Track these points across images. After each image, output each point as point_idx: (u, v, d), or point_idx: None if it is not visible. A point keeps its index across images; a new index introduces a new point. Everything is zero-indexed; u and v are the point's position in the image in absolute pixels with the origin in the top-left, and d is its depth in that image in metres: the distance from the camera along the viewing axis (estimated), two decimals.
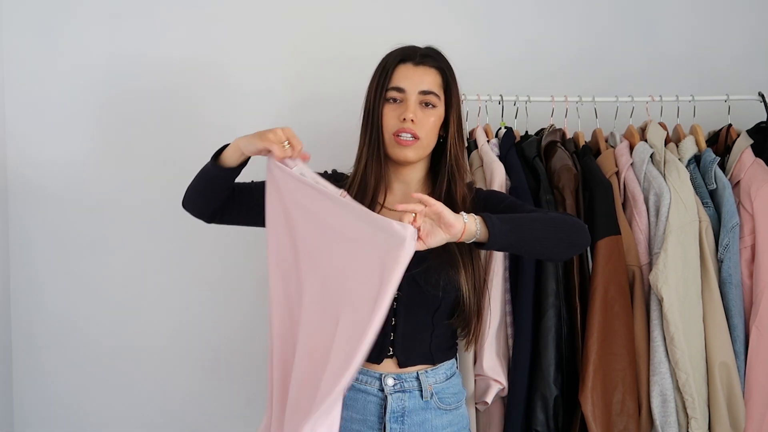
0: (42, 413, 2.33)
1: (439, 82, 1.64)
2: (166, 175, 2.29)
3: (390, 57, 1.66)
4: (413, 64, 1.64)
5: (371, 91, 1.66)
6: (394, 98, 1.63)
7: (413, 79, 1.62)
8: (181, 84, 2.29)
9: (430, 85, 1.63)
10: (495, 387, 1.85)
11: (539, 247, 1.53)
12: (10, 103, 2.26)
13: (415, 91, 1.62)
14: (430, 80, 1.63)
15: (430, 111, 1.63)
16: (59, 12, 2.26)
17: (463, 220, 1.43)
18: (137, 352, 2.32)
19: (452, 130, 1.66)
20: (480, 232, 1.45)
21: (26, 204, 2.28)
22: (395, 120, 1.61)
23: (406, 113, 1.60)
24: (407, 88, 1.62)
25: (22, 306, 2.31)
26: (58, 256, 2.30)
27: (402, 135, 1.60)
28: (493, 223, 1.45)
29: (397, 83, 1.63)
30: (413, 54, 1.65)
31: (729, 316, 1.90)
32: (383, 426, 1.61)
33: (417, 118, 1.60)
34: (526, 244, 1.51)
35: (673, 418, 1.84)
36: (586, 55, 2.37)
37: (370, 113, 1.65)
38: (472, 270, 1.62)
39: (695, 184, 1.98)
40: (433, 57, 1.66)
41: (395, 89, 1.63)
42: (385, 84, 1.63)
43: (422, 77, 1.63)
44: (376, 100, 1.64)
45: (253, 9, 2.30)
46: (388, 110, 1.63)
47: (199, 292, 2.32)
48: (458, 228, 1.42)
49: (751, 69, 2.37)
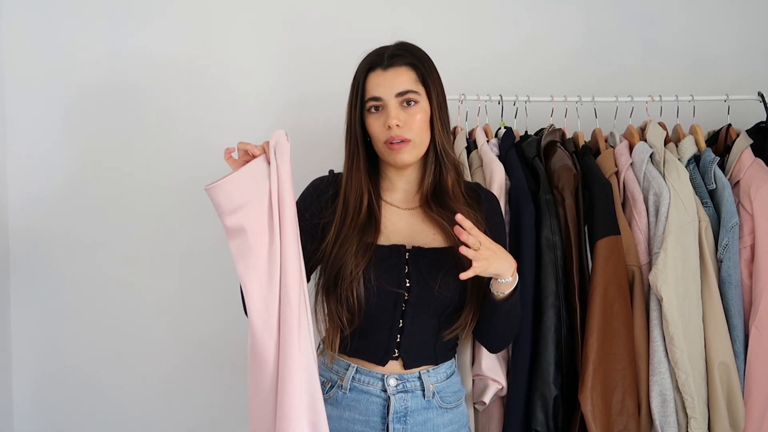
0: (42, 414, 2.33)
1: (414, 78, 1.61)
2: (166, 175, 2.29)
3: (359, 68, 1.65)
4: (382, 69, 1.61)
5: (349, 106, 1.65)
6: (375, 107, 1.61)
7: (386, 85, 1.60)
8: (181, 84, 2.29)
9: (404, 85, 1.59)
10: (493, 387, 1.85)
11: (506, 333, 1.73)
12: (10, 103, 2.26)
13: (392, 95, 1.59)
14: (403, 79, 1.60)
15: (413, 109, 1.60)
16: (59, 12, 2.26)
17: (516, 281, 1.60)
18: (137, 352, 2.32)
19: (436, 121, 1.63)
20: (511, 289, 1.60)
21: (26, 204, 2.28)
22: (382, 129, 1.60)
23: (389, 120, 1.58)
24: (382, 95, 1.60)
25: (22, 306, 2.30)
26: (58, 256, 2.30)
27: (393, 141, 1.60)
28: (518, 292, 1.63)
29: (371, 93, 1.61)
30: (380, 58, 1.62)
31: (728, 316, 1.90)
32: (386, 426, 1.61)
33: (401, 120, 1.58)
34: (509, 323, 1.69)
35: (673, 417, 1.84)
36: (586, 55, 2.37)
37: (350, 128, 1.66)
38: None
39: (695, 184, 1.98)
40: (402, 54, 1.62)
41: (372, 99, 1.61)
42: (359, 96, 1.62)
43: (394, 79, 1.60)
44: (353, 113, 1.64)
45: (252, 9, 2.30)
46: (372, 120, 1.61)
47: (199, 293, 2.32)
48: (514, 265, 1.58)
49: (751, 69, 2.37)
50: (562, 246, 1.89)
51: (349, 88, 1.67)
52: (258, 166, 1.53)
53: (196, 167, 1.98)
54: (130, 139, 2.30)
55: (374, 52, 1.65)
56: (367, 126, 1.63)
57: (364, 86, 1.62)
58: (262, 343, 1.49)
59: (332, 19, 2.32)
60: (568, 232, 1.88)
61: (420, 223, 1.67)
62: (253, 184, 1.52)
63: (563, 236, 1.89)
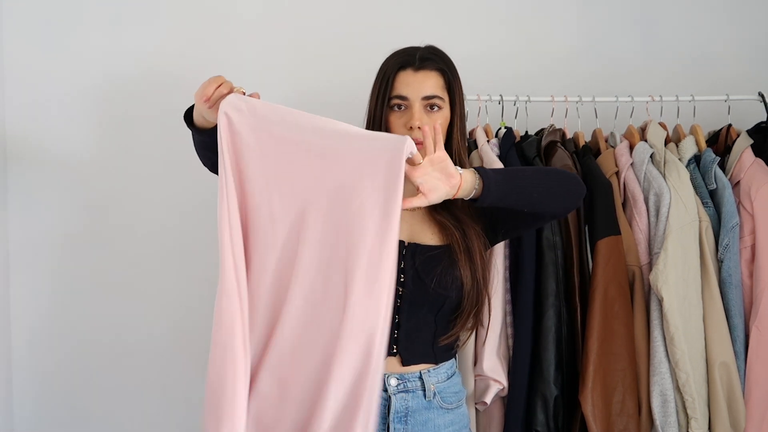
0: (42, 413, 2.32)
1: (442, 84, 1.63)
2: (166, 175, 2.29)
3: (389, 64, 1.65)
4: (413, 70, 1.62)
5: (373, 99, 1.65)
6: (399, 105, 1.62)
7: (414, 86, 1.61)
8: (181, 84, 2.28)
9: (432, 89, 1.61)
10: (494, 387, 1.85)
11: (535, 196, 1.54)
12: (10, 103, 2.26)
13: (418, 97, 1.60)
14: (432, 84, 1.62)
15: (435, 114, 1.62)
16: (59, 12, 2.26)
17: (459, 171, 1.45)
18: (137, 351, 2.32)
19: (456, 129, 1.65)
20: (477, 185, 1.47)
21: (26, 203, 2.28)
22: (402, 128, 1.61)
23: (412, 121, 1.59)
24: (410, 95, 1.60)
25: (22, 306, 2.30)
26: (58, 255, 2.30)
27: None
28: (487, 175, 1.47)
29: (399, 91, 1.61)
30: (412, 58, 1.63)
31: (729, 316, 1.91)
32: (387, 426, 1.61)
33: (423, 124, 1.57)
34: (521, 192, 1.52)
35: (673, 418, 1.84)
36: (587, 55, 2.37)
37: (372, 121, 1.65)
38: (476, 268, 1.62)
39: (695, 184, 1.98)
40: (433, 59, 1.64)
41: (398, 97, 1.61)
42: (387, 93, 1.62)
43: (423, 82, 1.61)
44: (378, 108, 1.63)
45: (252, 9, 2.30)
46: (394, 118, 1.62)
47: (199, 292, 2.31)
48: (456, 179, 1.44)
49: (751, 69, 2.37)
50: (563, 246, 1.89)
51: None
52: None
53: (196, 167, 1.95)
54: (130, 139, 2.30)
55: (405, 51, 1.65)
56: (385, 122, 1.63)
57: (393, 83, 1.62)
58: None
59: (333, 19, 2.32)
60: (568, 232, 1.88)
61: (420, 223, 1.67)
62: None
63: (563, 236, 1.89)
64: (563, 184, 1.59)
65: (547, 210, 1.61)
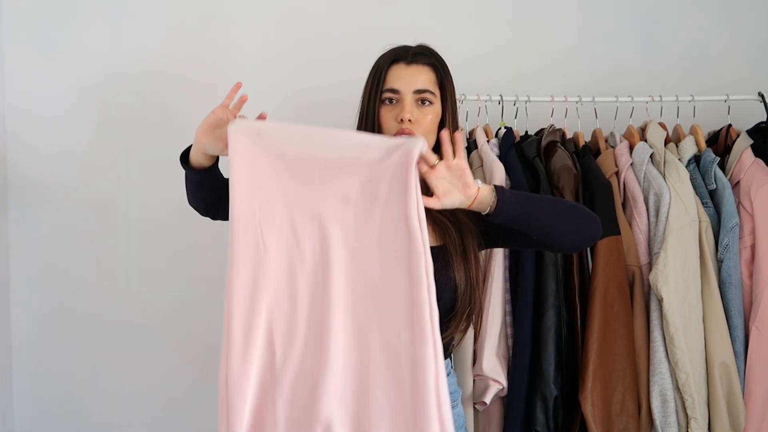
0: (42, 414, 2.32)
1: (433, 79, 1.63)
2: (166, 175, 2.28)
3: (382, 58, 1.66)
4: (405, 64, 1.63)
5: (366, 94, 1.65)
6: (390, 99, 1.62)
7: (406, 79, 1.61)
8: (181, 83, 2.29)
9: (424, 83, 1.61)
10: (494, 387, 1.85)
11: (547, 226, 1.52)
12: (10, 103, 2.26)
13: (410, 90, 1.60)
14: (424, 78, 1.62)
15: (426, 109, 1.62)
16: (59, 11, 2.26)
17: (477, 185, 1.46)
18: (137, 351, 2.32)
19: (447, 122, 1.64)
20: (492, 203, 1.47)
21: (26, 203, 2.28)
22: (393, 121, 1.61)
23: (403, 114, 1.59)
24: (401, 88, 1.61)
25: (22, 306, 2.30)
26: (58, 255, 2.30)
27: (402, 134, 1.60)
28: (503, 193, 1.48)
29: (391, 84, 1.62)
30: (405, 53, 1.64)
31: (729, 317, 1.91)
32: None
33: (414, 117, 1.59)
34: (532, 218, 1.51)
35: (673, 418, 1.84)
36: (586, 55, 2.37)
37: (364, 116, 1.65)
38: (471, 270, 1.61)
39: (695, 184, 1.98)
40: (425, 54, 1.65)
41: (390, 90, 1.62)
42: (379, 86, 1.62)
43: (415, 76, 1.61)
44: (370, 102, 1.63)
45: (252, 9, 2.30)
46: (385, 112, 1.62)
47: (199, 292, 2.31)
48: (473, 191, 1.44)
49: (751, 69, 2.37)
50: None
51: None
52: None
53: None
54: (130, 138, 2.30)
55: (398, 47, 1.66)
56: (376, 116, 1.63)
57: (385, 77, 1.63)
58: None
59: (333, 19, 2.32)
60: None
61: None
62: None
63: None
64: (579, 221, 1.56)
65: (555, 241, 1.58)
